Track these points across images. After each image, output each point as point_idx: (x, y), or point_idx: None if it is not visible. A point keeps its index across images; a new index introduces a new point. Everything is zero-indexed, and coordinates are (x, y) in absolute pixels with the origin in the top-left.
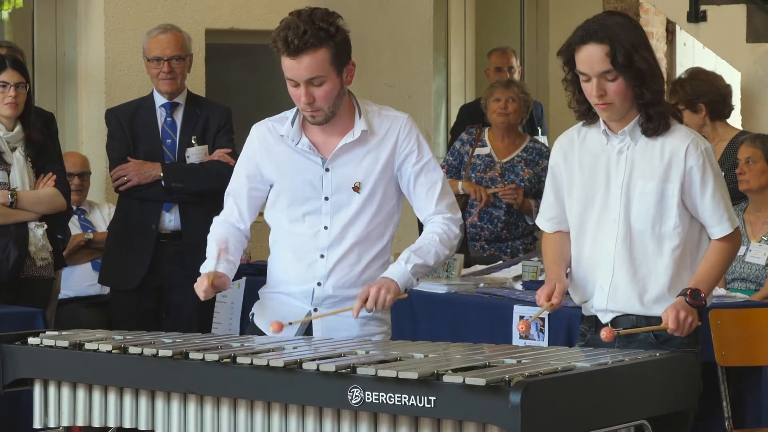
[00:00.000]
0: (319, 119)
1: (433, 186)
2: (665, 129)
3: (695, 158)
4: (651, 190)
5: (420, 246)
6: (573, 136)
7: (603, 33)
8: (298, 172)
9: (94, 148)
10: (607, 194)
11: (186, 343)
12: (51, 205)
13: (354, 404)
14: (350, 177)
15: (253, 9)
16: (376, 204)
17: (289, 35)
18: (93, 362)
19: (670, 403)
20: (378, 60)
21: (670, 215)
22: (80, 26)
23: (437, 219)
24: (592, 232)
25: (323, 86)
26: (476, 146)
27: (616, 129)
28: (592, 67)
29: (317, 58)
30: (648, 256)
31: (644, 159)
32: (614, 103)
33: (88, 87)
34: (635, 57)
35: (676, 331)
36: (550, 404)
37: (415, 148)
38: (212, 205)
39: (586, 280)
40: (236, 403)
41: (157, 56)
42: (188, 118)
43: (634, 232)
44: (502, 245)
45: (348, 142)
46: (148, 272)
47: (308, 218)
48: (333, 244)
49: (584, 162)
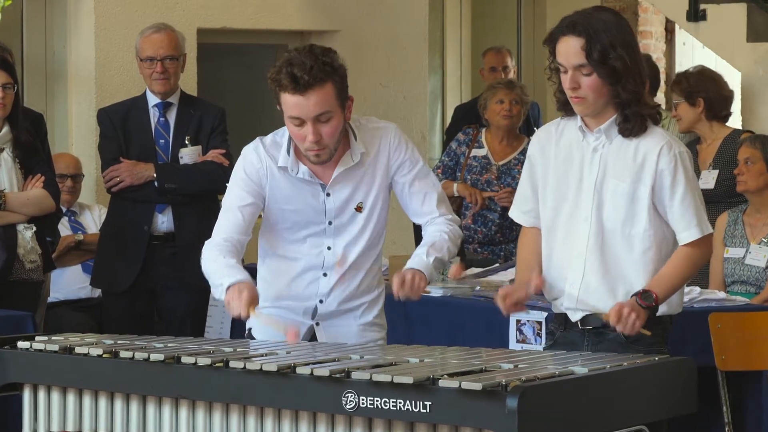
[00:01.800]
0: (324, 158)
1: (429, 191)
2: (641, 130)
3: (667, 161)
4: (623, 190)
5: (434, 241)
6: (551, 131)
7: (582, 27)
8: (300, 199)
9: (84, 149)
10: (579, 192)
11: (178, 347)
12: (39, 206)
13: (348, 409)
14: (352, 199)
15: (245, 8)
16: (375, 219)
17: (296, 71)
18: (83, 367)
19: (669, 408)
20: (372, 60)
21: (641, 217)
22: (70, 25)
23: (440, 220)
24: (564, 229)
25: (330, 122)
26: (473, 147)
27: (592, 126)
28: (568, 59)
29: (325, 93)
30: (619, 257)
31: (618, 159)
32: (587, 97)
33: (78, 87)
34: (611, 54)
35: (618, 324)
36: (547, 409)
37: (407, 158)
38: (206, 206)
39: (556, 277)
40: (229, 409)
41: (150, 56)
42: (181, 119)
43: (606, 232)
44: (495, 248)
45: (349, 167)
46: (140, 275)
47: (310, 240)
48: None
49: (559, 157)
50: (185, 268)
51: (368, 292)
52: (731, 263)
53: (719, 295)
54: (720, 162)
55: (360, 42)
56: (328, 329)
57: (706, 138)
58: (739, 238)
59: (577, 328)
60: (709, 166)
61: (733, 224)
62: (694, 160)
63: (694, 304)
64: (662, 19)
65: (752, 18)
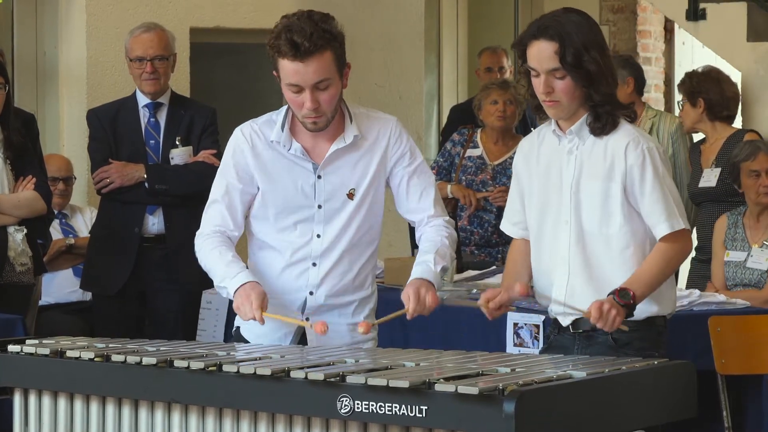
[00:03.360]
0: (321, 125)
1: (427, 188)
2: (612, 128)
3: (635, 156)
4: (596, 190)
5: (438, 248)
6: (533, 139)
7: (554, 30)
8: (289, 179)
9: (75, 150)
10: (560, 196)
11: (170, 351)
12: (31, 208)
13: (343, 414)
14: (343, 184)
15: (238, 7)
16: (367, 209)
17: (296, 38)
18: (75, 371)
19: (668, 412)
20: (368, 59)
21: (615, 216)
22: (61, 25)
23: (438, 222)
24: (549, 235)
25: (328, 90)
26: (467, 147)
27: (565, 128)
28: (540, 63)
29: (325, 61)
30: (600, 257)
31: (590, 159)
32: (561, 101)
33: (70, 87)
34: (585, 57)
35: (599, 321)
36: (544, 414)
37: (407, 151)
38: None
39: (546, 283)
40: (222, 413)
41: (139, 56)
42: (172, 119)
43: (586, 234)
44: (492, 250)
45: (340, 147)
46: (131, 277)
47: (300, 226)
48: (325, 252)
49: (541, 164)
50: (177, 270)
51: (360, 289)
52: (732, 266)
53: (719, 297)
54: (722, 161)
55: (355, 41)
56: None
57: (709, 137)
58: (740, 241)
59: (569, 332)
60: (711, 165)
61: (733, 227)
62: (697, 159)
63: (693, 307)
64: (661, 18)
65: (752, 17)
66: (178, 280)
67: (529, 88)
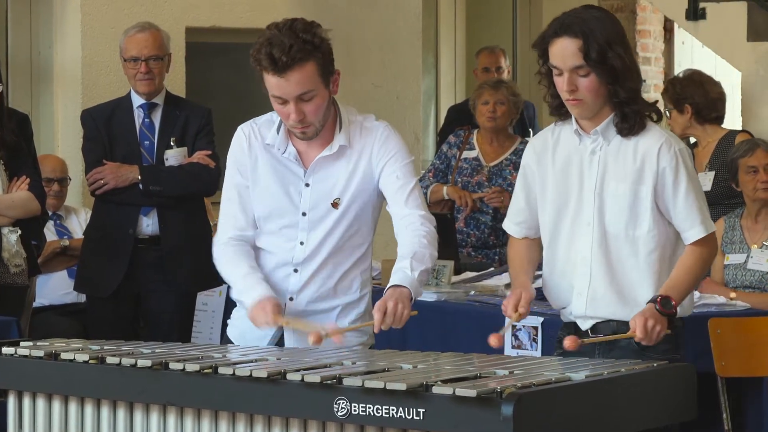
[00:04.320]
0: (310, 134)
1: (406, 183)
2: (641, 128)
3: (668, 159)
4: (624, 192)
5: (415, 251)
6: (547, 137)
7: (577, 27)
8: (279, 184)
9: (70, 151)
10: (580, 196)
11: (165, 353)
12: (25, 209)
13: (340, 416)
14: (329, 192)
15: (235, 6)
16: (352, 217)
17: (275, 52)
18: (69, 373)
19: (668, 414)
20: (365, 59)
21: (644, 218)
22: (56, 24)
23: (414, 218)
24: (567, 235)
25: (313, 101)
26: (464, 149)
27: (588, 128)
28: (564, 61)
29: (306, 73)
30: (625, 260)
31: (617, 160)
32: (585, 99)
33: (64, 87)
34: (609, 54)
35: (644, 339)
36: (543, 417)
37: (394, 154)
38: (191, 209)
39: (562, 285)
40: (218, 416)
41: (134, 56)
42: (167, 120)
43: (609, 236)
44: (489, 252)
45: (325, 155)
46: (125, 279)
47: (285, 232)
48: (307, 259)
49: (558, 164)
50: (171, 271)
51: (344, 294)
52: (732, 269)
53: (719, 299)
54: (716, 164)
55: (352, 41)
56: (297, 328)
57: (701, 141)
58: (738, 243)
59: (588, 337)
60: (705, 168)
61: (731, 230)
62: None
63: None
64: (661, 18)
65: (753, 17)
66: (172, 281)
67: (550, 89)
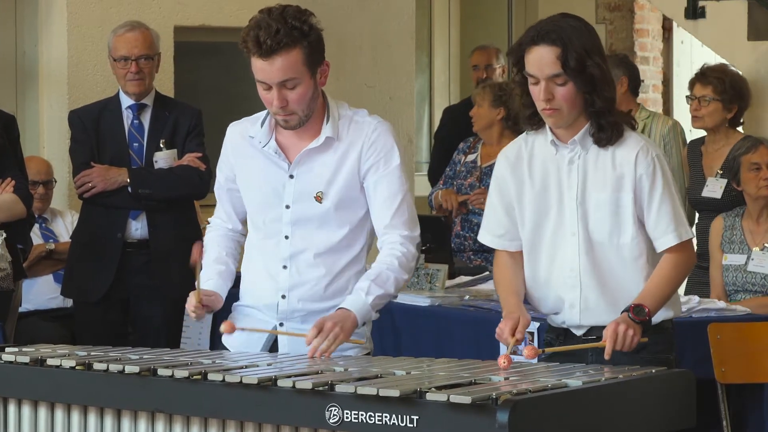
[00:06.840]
0: (293, 123)
1: (392, 197)
2: (618, 137)
3: (645, 165)
4: (605, 201)
5: (379, 273)
6: (520, 147)
7: (555, 35)
8: (264, 177)
9: (56, 152)
10: (561, 207)
11: (154, 359)
12: (10, 212)
13: (332, 423)
14: (312, 185)
15: (224, 5)
16: (340, 213)
17: (261, 35)
18: (55, 379)
19: (667, 421)
20: (357, 59)
21: (627, 226)
22: (41, 23)
23: (394, 238)
24: (548, 246)
25: (297, 89)
26: (469, 153)
27: (564, 138)
28: (541, 69)
29: (291, 59)
30: (613, 268)
31: (597, 169)
32: (561, 108)
33: (50, 87)
34: (587, 62)
35: (616, 345)
36: (539, 424)
37: (382, 157)
38: (181, 212)
39: (550, 297)
40: (207, 423)
41: (123, 55)
42: (156, 121)
43: (595, 244)
44: (488, 255)
45: (312, 147)
46: (114, 283)
47: (270, 226)
48: (295, 255)
49: (535, 174)
50: (160, 276)
51: (338, 296)
52: (732, 271)
53: (719, 304)
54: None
55: (344, 40)
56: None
57: (717, 142)
58: (738, 243)
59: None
60: (716, 174)
61: (731, 230)
62: (697, 161)
63: (692, 314)
64: (659, 16)
65: (753, 15)
66: (161, 286)
67: (522, 98)
